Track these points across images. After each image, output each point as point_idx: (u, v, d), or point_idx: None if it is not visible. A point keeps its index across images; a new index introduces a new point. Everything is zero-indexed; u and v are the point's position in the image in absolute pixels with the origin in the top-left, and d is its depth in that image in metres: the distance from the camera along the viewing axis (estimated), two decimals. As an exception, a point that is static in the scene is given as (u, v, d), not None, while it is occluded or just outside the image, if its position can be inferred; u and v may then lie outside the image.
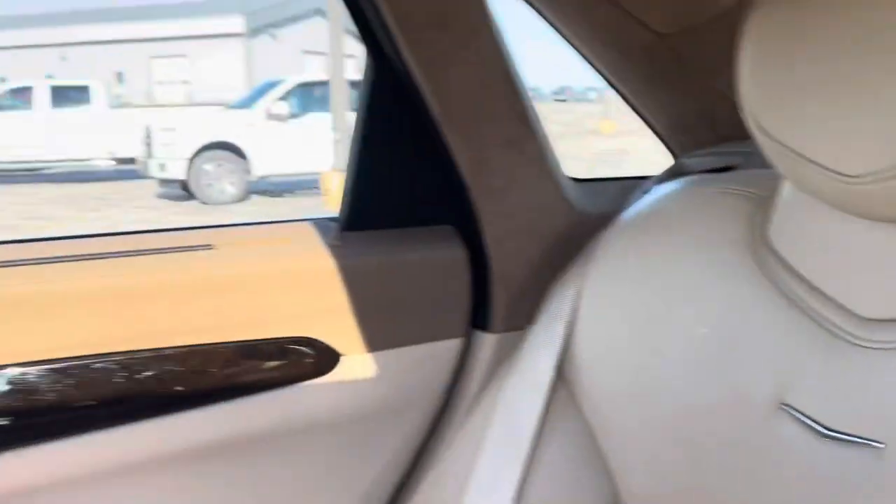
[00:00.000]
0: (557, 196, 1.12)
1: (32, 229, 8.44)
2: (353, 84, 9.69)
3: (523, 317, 1.14)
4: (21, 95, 12.20)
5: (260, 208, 9.78)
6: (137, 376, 1.05)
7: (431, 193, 1.17)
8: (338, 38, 9.17)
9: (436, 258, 1.15)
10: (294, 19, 30.17)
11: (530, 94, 1.10)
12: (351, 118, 8.30)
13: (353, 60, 11.53)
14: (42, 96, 12.02)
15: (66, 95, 12.19)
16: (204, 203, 9.76)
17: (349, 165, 1.16)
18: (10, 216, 9.21)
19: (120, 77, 26.31)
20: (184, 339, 1.06)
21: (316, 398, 1.13)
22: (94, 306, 1.02)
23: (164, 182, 10.24)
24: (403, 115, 1.10)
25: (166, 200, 10.28)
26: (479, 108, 1.02)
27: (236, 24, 26.95)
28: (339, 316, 1.12)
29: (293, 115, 10.16)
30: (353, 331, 1.13)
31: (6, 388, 0.99)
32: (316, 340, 1.12)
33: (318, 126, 9.73)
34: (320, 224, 1.17)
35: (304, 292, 1.10)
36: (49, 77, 14.79)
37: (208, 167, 9.77)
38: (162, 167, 9.76)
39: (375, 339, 1.14)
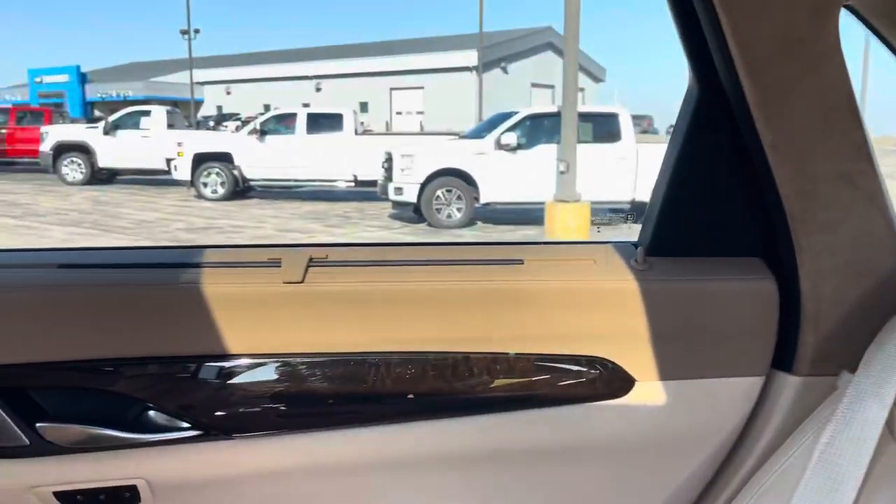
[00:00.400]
0: (890, 235, 1.04)
1: (285, 240, 9.43)
2: (581, 116, 9.72)
3: (835, 362, 1.06)
4: (284, 121, 13.73)
5: (485, 233, 10.10)
6: (445, 376, 1.13)
7: (741, 223, 1.14)
8: (572, 71, 9.25)
9: (742, 290, 1.11)
10: (525, 53, 31.04)
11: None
12: (579, 150, 8.24)
13: (581, 93, 11.58)
14: (301, 122, 13.43)
15: (320, 122, 13.51)
16: (431, 226, 10.28)
17: (656, 190, 1.16)
18: (269, 228, 10.37)
19: (364, 107, 28.68)
20: (489, 347, 1.12)
21: (605, 420, 1.14)
22: (409, 307, 1.11)
23: (397, 204, 10.95)
24: (725, 142, 1.08)
25: (398, 221, 10.99)
26: (814, 138, 0.97)
27: (470, 57, 28.29)
28: (636, 340, 1.12)
29: (521, 146, 10.38)
30: (650, 357, 1.12)
31: (314, 374, 1.11)
32: (611, 363, 1.13)
33: (545, 157, 9.86)
34: (623, 247, 1.19)
35: (604, 313, 1.12)
36: (305, 105, 16.50)
37: (440, 192, 10.28)
38: (398, 190, 10.44)
39: (671, 369, 1.12)
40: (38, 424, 1.06)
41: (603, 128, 10.47)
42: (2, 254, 1.18)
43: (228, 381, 1.10)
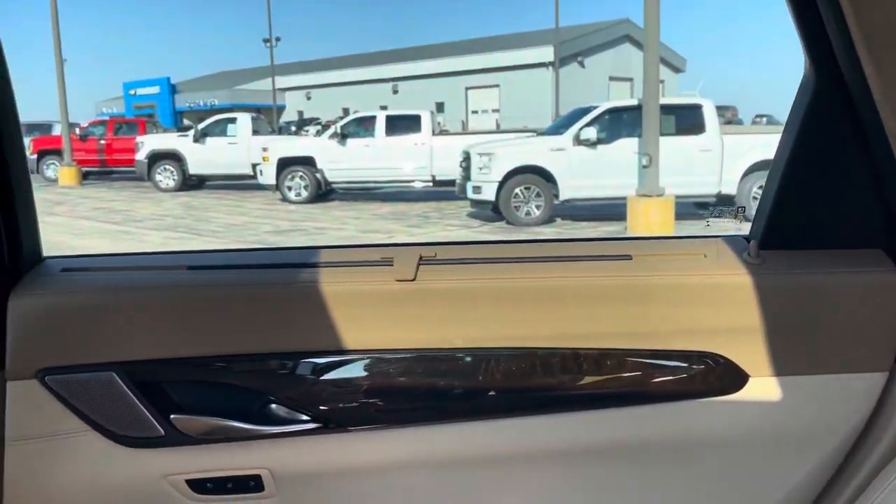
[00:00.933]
0: None
1: (367, 241, 9.60)
2: (664, 108, 9.49)
3: None
4: (363, 124, 13.99)
5: (564, 230, 10.01)
6: (554, 372, 1.14)
7: (861, 214, 1.10)
8: (653, 64, 9.05)
9: (863, 283, 1.08)
10: (602, 47, 30.54)
11: None
12: (662, 143, 8.04)
13: (661, 85, 11.30)
14: (381, 124, 13.66)
15: (399, 124, 13.71)
16: (510, 223, 10.26)
17: (770, 181, 1.14)
18: (352, 230, 10.59)
19: (440, 107, 28.86)
20: (598, 343, 1.12)
21: (718, 416, 1.13)
22: (518, 304, 1.13)
23: (475, 203, 10.99)
24: (843, 132, 1.05)
25: (477, 220, 11.01)
26: None
27: (546, 53, 28.04)
28: (750, 335, 1.10)
29: (600, 141, 10.23)
30: (764, 352, 1.10)
31: (418, 370, 1.14)
32: (724, 358, 1.11)
33: (626, 151, 9.69)
34: (734, 241, 1.17)
35: (716, 308, 1.10)
36: (383, 108, 16.74)
37: (518, 190, 10.26)
38: (477, 189, 10.47)
39: (787, 364, 1.10)
40: (172, 416, 1.13)
41: (686, 120, 10.21)
42: (136, 257, 1.27)
43: (344, 376, 1.15)
